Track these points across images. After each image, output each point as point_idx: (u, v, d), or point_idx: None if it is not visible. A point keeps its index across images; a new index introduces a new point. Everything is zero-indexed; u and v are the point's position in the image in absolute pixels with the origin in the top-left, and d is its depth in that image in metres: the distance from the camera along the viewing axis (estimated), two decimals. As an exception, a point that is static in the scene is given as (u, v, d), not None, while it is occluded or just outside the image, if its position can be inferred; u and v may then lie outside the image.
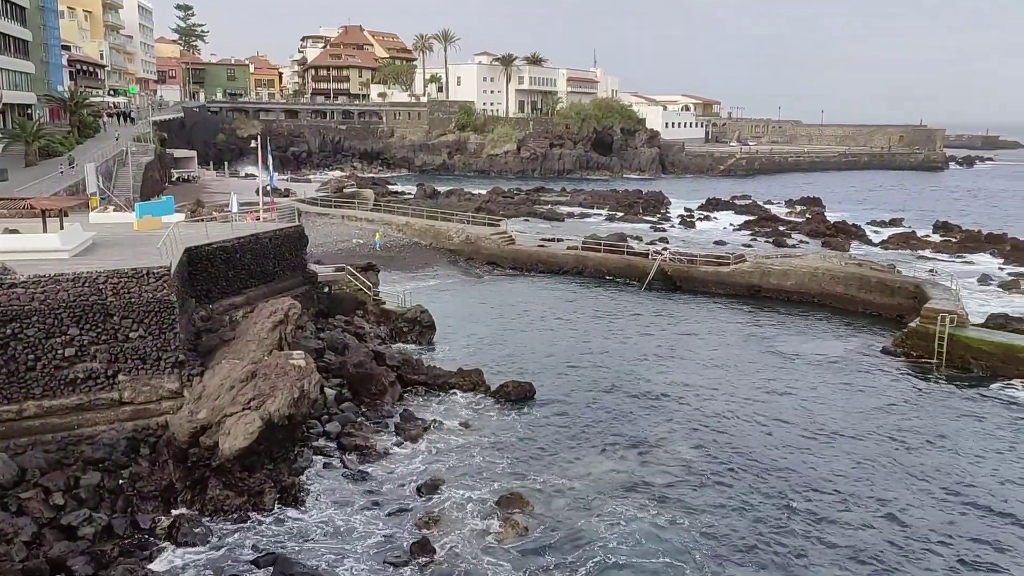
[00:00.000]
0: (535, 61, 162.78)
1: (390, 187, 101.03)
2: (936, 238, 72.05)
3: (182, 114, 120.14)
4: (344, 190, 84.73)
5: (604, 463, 26.21)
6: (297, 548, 20.98)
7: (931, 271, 52.35)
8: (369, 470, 25.27)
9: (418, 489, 24.13)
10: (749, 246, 65.86)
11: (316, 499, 23.40)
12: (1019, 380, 34.01)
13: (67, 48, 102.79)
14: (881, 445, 28.07)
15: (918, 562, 21.01)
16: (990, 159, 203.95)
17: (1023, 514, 23.47)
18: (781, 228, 75.73)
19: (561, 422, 29.54)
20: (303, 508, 22.83)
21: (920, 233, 73.50)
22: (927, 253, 64.98)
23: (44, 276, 23.03)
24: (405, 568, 20.28)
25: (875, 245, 68.93)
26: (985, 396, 32.99)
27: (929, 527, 22.69)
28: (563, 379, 34.23)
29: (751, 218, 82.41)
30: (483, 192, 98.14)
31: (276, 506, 22.64)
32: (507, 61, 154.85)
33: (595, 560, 20.72)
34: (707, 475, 25.47)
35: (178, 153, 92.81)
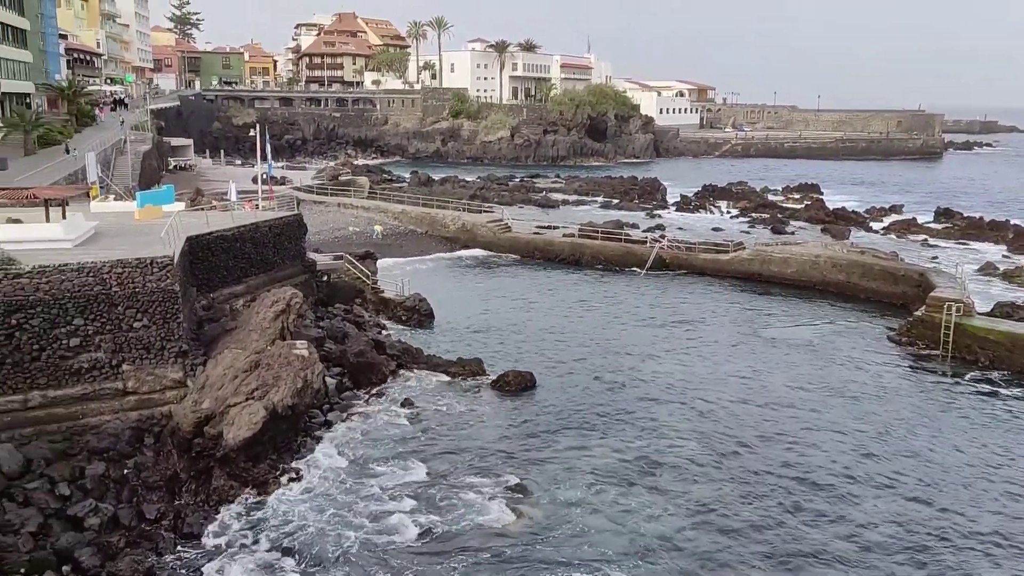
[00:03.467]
0: (529, 47, 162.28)
1: (385, 175, 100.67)
2: (938, 225, 71.88)
3: (178, 102, 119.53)
4: (340, 178, 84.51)
5: (606, 454, 26.27)
6: (301, 534, 21.06)
7: (934, 259, 52.41)
8: (371, 458, 25.34)
9: (420, 477, 24.22)
10: (747, 233, 65.92)
11: (319, 486, 23.47)
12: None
13: (64, 37, 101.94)
14: (888, 438, 28.05)
15: (919, 555, 21.14)
16: (989, 144, 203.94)
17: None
18: (779, 215, 75.69)
19: (562, 412, 29.61)
20: (307, 495, 22.90)
21: (921, 220, 73.38)
22: (929, 240, 64.93)
23: (49, 266, 23.00)
24: (408, 554, 20.38)
25: (876, 232, 68.94)
26: (992, 387, 32.91)
27: (934, 522, 22.81)
28: (563, 368, 34.28)
29: (748, 204, 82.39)
30: (477, 179, 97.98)
31: (280, 493, 22.71)
32: (501, 48, 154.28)
33: (598, 552, 20.78)
34: (710, 467, 25.52)
35: (175, 141, 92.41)
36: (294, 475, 23.67)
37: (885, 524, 22.30)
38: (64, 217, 28.92)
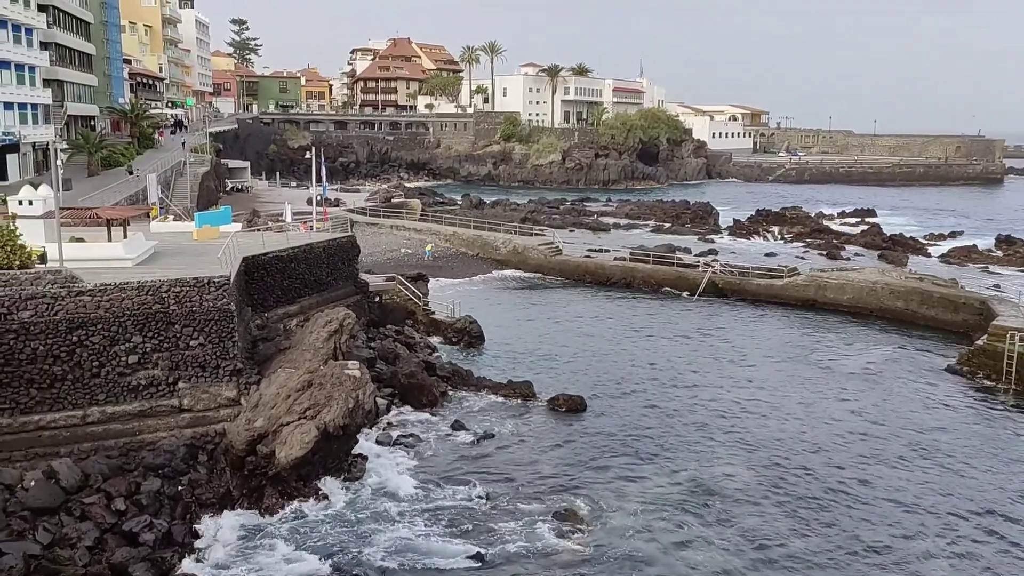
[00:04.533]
0: (581, 72, 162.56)
1: (437, 198, 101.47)
2: (999, 252, 69.65)
3: (236, 126, 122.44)
4: (392, 200, 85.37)
5: (658, 481, 25.82)
6: (347, 554, 21.01)
7: (995, 286, 50.87)
8: (420, 479, 25.25)
9: (469, 500, 24.06)
10: (802, 259, 64.76)
11: (368, 506, 23.45)
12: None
13: (128, 62, 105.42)
14: (950, 472, 27.12)
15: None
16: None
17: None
18: (834, 240, 74.24)
19: (614, 437, 29.21)
20: (356, 515, 22.88)
21: (981, 247, 71.26)
22: (990, 267, 62.97)
23: (110, 284, 23.53)
24: (459, 581, 20.22)
25: (934, 258, 67.15)
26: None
27: (999, 558, 21.90)
28: (614, 392, 33.90)
29: (803, 230, 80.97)
30: (528, 202, 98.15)
31: (329, 512, 22.75)
32: (553, 72, 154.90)
33: (651, 578, 20.37)
34: (764, 496, 24.92)
35: (232, 163, 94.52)
36: (344, 494, 23.68)
37: (947, 559, 21.46)
38: (125, 237, 29.61)
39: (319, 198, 50.24)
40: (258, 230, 38.69)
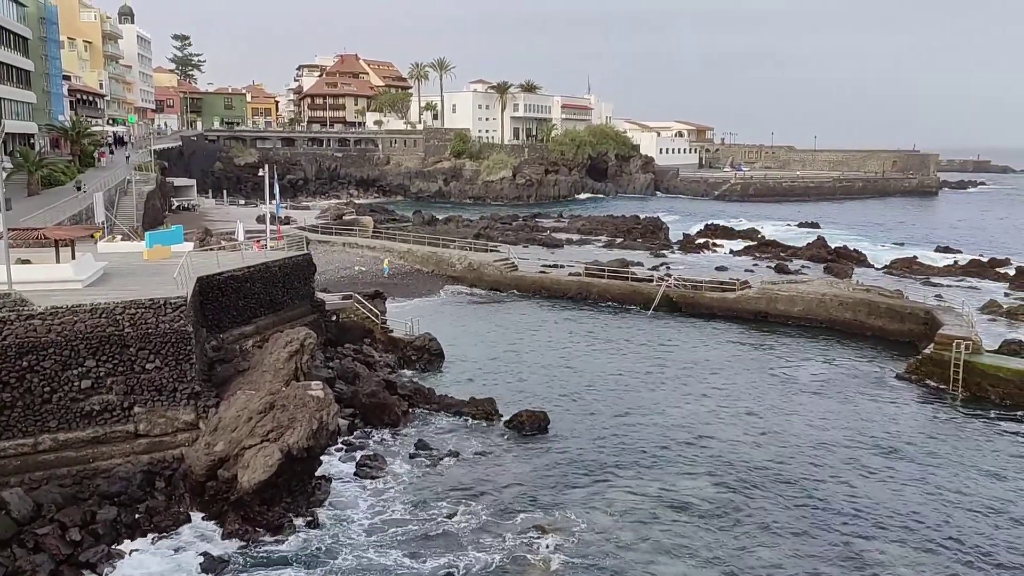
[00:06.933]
0: (530, 88, 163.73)
1: (388, 214, 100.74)
2: (939, 263, 71.90)
3: (180, 143, 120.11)
4: (344, 217, 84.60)
5: (624, 495, 25.83)
6: (319, 584, 20.59)
7: (937, 296, 52.39)
8: (386, 501, 24.87)
9: (436, 520, 23.76)
10: (751, 271, 65.79)
11: (334, 529, 22.99)
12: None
13: (68, 78, 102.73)
14: (905, 478, 27.70)
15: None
16: (982, 183, 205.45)
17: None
18: (782, 254, 75.70)
19: (577, 451, 29.21)
20: (322, 539, 22.40)
21: (921, 258, 73.44)
22: (931, 278, 64.84)
23: (61, 307, 22.76)
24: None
25: (878, 270, 68.90)
26: (1007, 425, 32.62)
27: (951, 560, 22.39)
28: (577, 407, 33.92)
29: (751, 243, 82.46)
30: (480, 219, 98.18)
31: (294, 538, 22.22)
32: (502, 89, 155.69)
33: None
34: (728, 507, 25.10)
35: (178, 182, 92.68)
36: (309, 518, 23.18)
37: (903, 564, 21.88)
38: (73, 257, 28.72)
39: (273, 216, 49.45)
40: (211, 249, 37.89)
